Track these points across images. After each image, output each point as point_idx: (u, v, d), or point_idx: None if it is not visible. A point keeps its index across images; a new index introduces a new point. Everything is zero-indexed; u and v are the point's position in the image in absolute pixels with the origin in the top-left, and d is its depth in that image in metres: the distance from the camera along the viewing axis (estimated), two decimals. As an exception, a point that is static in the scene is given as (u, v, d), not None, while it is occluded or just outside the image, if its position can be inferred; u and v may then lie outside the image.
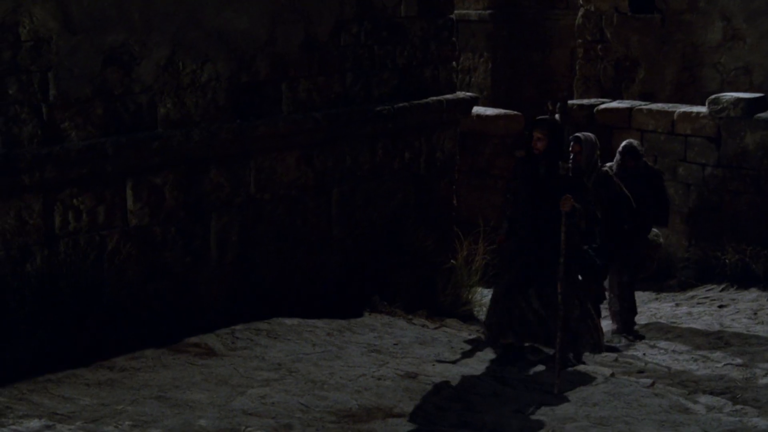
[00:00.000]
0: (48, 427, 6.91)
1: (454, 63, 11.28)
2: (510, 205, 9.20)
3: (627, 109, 13.37)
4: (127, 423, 7.03)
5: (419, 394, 7.90)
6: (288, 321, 9.29)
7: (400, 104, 10.47)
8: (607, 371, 8.86)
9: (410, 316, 10.17)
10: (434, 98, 10.79)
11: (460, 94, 11.28)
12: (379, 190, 10.47)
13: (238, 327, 9.05)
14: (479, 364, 8.83)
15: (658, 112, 13.20)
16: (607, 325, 10.86)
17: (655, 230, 11.15)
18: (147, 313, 8.88)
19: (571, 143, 9.81)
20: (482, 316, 10.45)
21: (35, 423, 6.95)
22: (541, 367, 8.86)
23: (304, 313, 9.56)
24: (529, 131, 9.18)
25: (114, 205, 8.80)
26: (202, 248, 9.32)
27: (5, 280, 8.29)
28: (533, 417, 7.63)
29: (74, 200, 8.59)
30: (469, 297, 11.01)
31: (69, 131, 8.53)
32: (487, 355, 9.09)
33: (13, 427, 6.85)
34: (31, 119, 8.36)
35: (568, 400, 8.06)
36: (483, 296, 11.00)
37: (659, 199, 11.03)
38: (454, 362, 8.77)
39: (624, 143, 11.16)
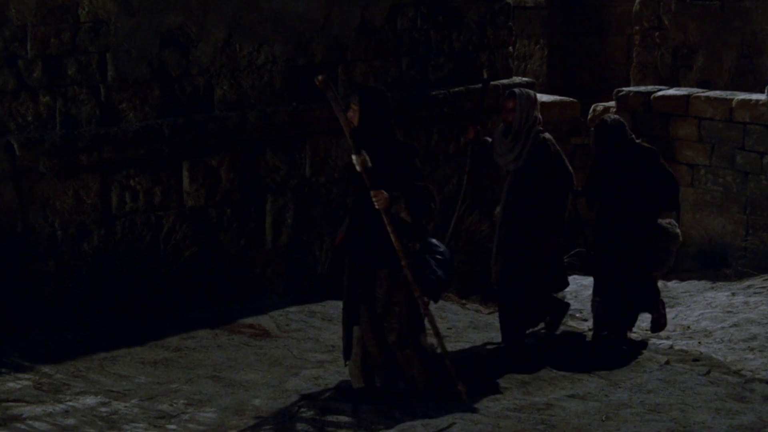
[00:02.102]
0: (104, 404, 6.98)
1: (510, 48, 11.22)
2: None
3: (684, 96, 13.22)
4: (181, 401, 7.08)
5: (473, 375, 7.90)
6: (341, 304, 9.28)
7: (456, 89, 10.44)
8: (662, 359, 8.79)
9: (464, 301, 10.15)
10: (492, 83, 10.72)
11: (516, 79, 11.23)
12: (434, 174, 10.44)
13: (292, 309, 9.07)
14: (536, 347, 8.79)
15: (716, 99, 13.03)
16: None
17: (668, 219, 9.60)
18: (202, 294, 8.93)
19: (506, 98, 8.61)
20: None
21: (91, 400, 7.02)
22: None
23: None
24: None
25: (170, 187, 8.86)
26: (257, 230, 9.35)
27: (63, 259, 8.38)
28: (589, 401, 7.60)
29: (131, 181, 8.65)
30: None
31: (126, 112, 8.59)
32: (541, 337, 9.05)
33: (70, 403, 6.92)
34: (89, 100, 8.43)
35: (622, 387, 8.01)
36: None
37: (662, 180, 9.33)
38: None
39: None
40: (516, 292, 8.53)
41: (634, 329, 9.48)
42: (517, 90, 8.65)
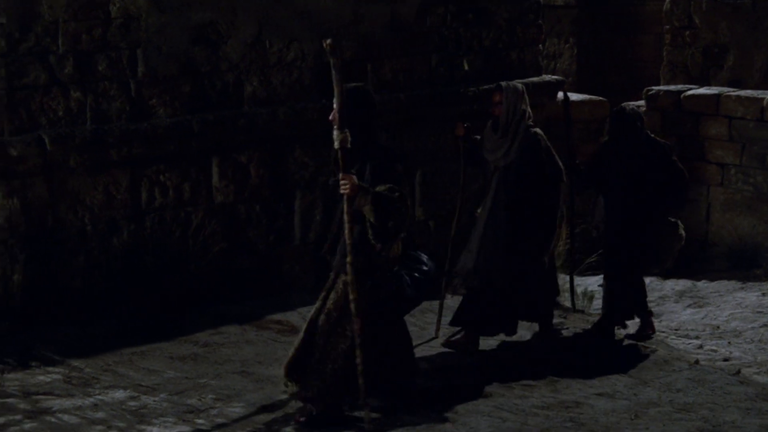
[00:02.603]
0: (133, 397, 7.01)
1: (540, 46, 11.18)
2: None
3: (715, 95, 13.13)
4: (210, 396, 7.10)
5: (500, 375, 7.90)
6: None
7: (485, 86, 10.40)
8: (692, 358, 8.75)
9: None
10: (520, 81, 10.66)
11: (546, 77, 11.21)
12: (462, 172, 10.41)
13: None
14: (565, 346, 8.77)
15: (747, 98, 12.94)
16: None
17: (673, 219, 9.30)
18: (230, 290, 8.94)
19: (492, 91, 8.48)
20: (566, 301, 10.38)
21: (120, 393, 7.06)
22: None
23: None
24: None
25: (199, 182, 8.88)
26: (286, 226, 9.36)
27: (92, 254, 8.42)
28: (617, 400, 7.57)
29: (161, 176, 8.68)
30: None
31: (156, 108, 8.62)
32: (570, 336, 9.03)
33: (99, 397, 6.96)
34: (119, 95, 8.47)
35: (651, 386, 7.98)
36: (565, 282, 10.91)
37: (670, 177, 9.08)
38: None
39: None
40: (505, 292, 8.40)
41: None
42: (503, 83, 8.48)
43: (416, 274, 6.78)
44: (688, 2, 15.93)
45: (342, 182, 6.39)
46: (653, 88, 13.61)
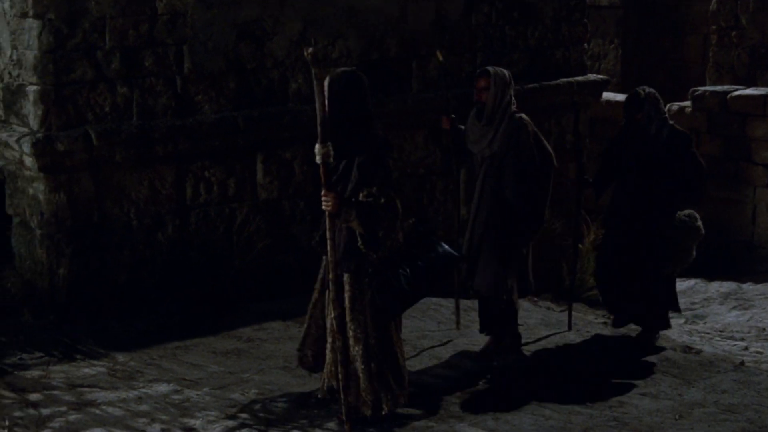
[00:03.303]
0: (176, 391, 7.04)
1: (585, 45, 11.13)
2: None
3: (762, 96, 13.04)
4: (253, 391, 7.12)
5: (542, 374, 7.88)
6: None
7: (530, 85, 10.37)
8: (737, 360, 8.68)
9: (535, 299, 10.08)
10: (565, 80, 10.67)
11: (591, 76, 11.15)
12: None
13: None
14: (607, 346, 8.73)
15: (795, 99, 12.88)
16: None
17: (688, 210, 8.72)
18: (274, 286, 8.96)
19: (477, 77, 8.01)
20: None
21: (164, 387, 7.09)
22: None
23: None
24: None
25: (244, 179, 8.91)
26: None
27: (137, 249, 8.47)
28: (661, 400, 7.53)
29: (206, 172, 8.72)
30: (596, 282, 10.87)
31: (202, 104, 8.66)
32: (614, 337, 8.98)
33: (143, 390, 7.00)
34: (165, 91, 8.51)
35: (696, 386, 7.92)
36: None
37: (687, 168, 8.54)
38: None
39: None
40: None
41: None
42: (490, 68, 7.99)
43: (420, 263, 6.45)
44: (734, 2, 15.86)
45: (324, 199, 6.12)
46: (699, 88, 13.54)
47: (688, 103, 13.34)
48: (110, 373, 7.34)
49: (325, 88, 6.24)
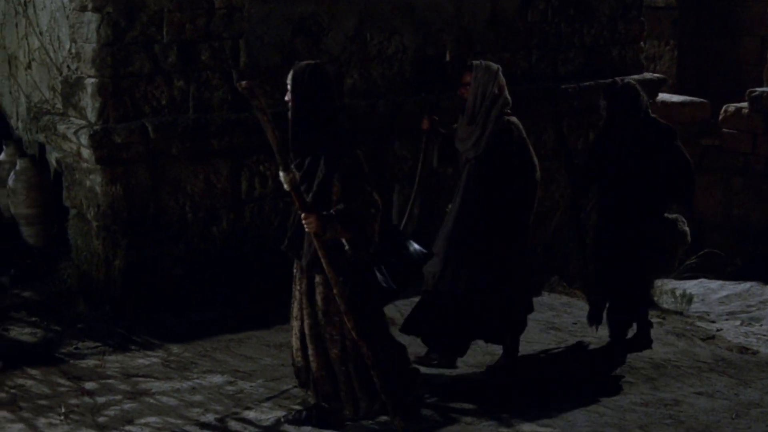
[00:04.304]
0: (230, 382, 7.07)
1: (641, 43, 11.05)
2: None
3: (820, 97, 12.91)
4: (306, 383, 7.12)
5: (597, 371, 7.83)
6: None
7: (586, 83, 10.31)
8: (796, 360, 8.60)
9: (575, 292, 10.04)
10: (620, 78, 10.56)
11: (647, 74, 11.07)
12: (562, 170, 10.32)
13: (416, 299, 9.03)
14: (663, 346, 8.65)
15: None
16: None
17: (675, 214, 8.25)
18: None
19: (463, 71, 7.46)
20: (663, 302, 10.27)
21: (218, 378, 7.12)
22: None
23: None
24: None
25: (303, 172, 8.90)
26: (384, 220, 9.32)
27: (193, 242, 8.50)
28: (717, 399, 7.45)
29: (260, 166, 8.74)
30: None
31: (258, 98, 8.64)
32: (668, 337, 8.91)
33: (197, 380, 7.03)
34: (221, 85, 8.54)
35: (752, 386, 7.84)
36: (663, 282, 10.79)
37: (674, 166, 7.90)
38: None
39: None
40: (469, 298, 7.40)
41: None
42: (476, 61, 7.43)
43: (394, 261, 6.21)
44: (792, 3, 15.69)
45: (305, 222, 5.89)
46: (756, 90, 13.41)
47: (745, 104, 13.22)
48: (164, 364, 7.38)
49: (289, 81, 6.10)
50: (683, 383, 7.79)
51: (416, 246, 6.39)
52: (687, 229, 8.14)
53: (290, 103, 6.11)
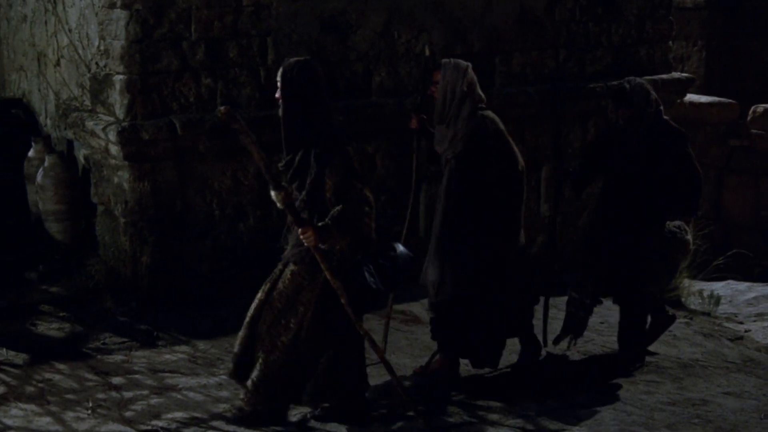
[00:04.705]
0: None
1: (670, 42, 11.01)
2: None
3: None
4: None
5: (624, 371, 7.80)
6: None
7: (614, 82, 10.24)
8: None
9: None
10: (649, 77, 10.52)
11: (676, 74, 11.02)
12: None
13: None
14: (691, 346, 8.60)
15: None
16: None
17: (678, 222, 7.75)
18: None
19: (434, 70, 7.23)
20: (691, 303, 10.20)
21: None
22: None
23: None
24: None
25: (326, 171, 8.89)
26: (412, 218, 9.33)
27: (219, 239, 8.52)
28: (746, 399, 7.42)
29: (288, 163, 8.72)
30: (677, 283, 10.73)
31: (285, 95, 8.66)
32: (696, 337, 8.86)
33: (224, 377, 7.04)
34: (249, 82, 8.55)
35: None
36: (690, 284, 10.72)
37: (682, 174, 7.47)
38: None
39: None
40: (460, 305, 7.20)
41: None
42: (445, 59, 7.23)
43: (382, 261, 6.14)
44: (823, 3, 15.60)
45: (302, 236, 5.86)
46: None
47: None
48: (191, 360, 7.39)
49: (279, 78, 6.10)
50: (711, 383, 7.75)
51: (402, 248, 6.33)
52: (689, 238, 7.80)
53: (280, 101, 6.07)
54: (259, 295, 6.29)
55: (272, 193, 5.83)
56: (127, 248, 8.26)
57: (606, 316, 9.05)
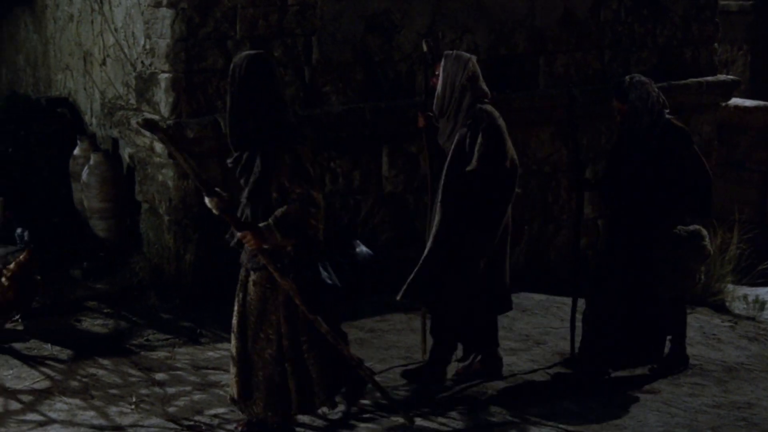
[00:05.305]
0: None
1: (715, 44, 10.93)
2: None
3: None
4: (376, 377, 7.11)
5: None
6: (536, 296, 9.23)
7: (658, 84, 10.16)
8: None
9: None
10: (694, 80, 10.47)
11: (721, 76, 10.94)
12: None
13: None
14: (736, 350, 8.53)
15: None
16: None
17: (695, 226, 7.34)
18: (397, 278, 8.92)
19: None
20: (735, 308, 10.13)
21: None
22: None
23: (551, 290, 9.43)
24: None
25: (370, 171, 8.92)
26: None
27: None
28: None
29: (331, 163, 8.76)
30: (721, 287, 10.65)
31: (329, 95, 8.71)
32: (740, 341, 8.79)
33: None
34: (294, 81, 8.58)
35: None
36: (734, 288, 10.64)
37: (687, 172, 7.19)
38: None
39: None
40: (442, 300, 7.04)
41: None
42: (447, 51, 7.09)
43: (341, 260, 6.07)
44: None
45: (243, 240, 5.76)
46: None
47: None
48: (234, 357, 7.40)
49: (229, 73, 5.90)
50: (756, 386, 7.68)
51: (363, 247, 6.27)
52: (706, 243, 7.30)
53: (227, 96, 5.90)
54: (236, 307, 6.10)
55: (206, 200, 5.70)
56: (171, 246, 8.30)
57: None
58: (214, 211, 5.72)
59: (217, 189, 5.73)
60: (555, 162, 9.79)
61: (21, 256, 7.67)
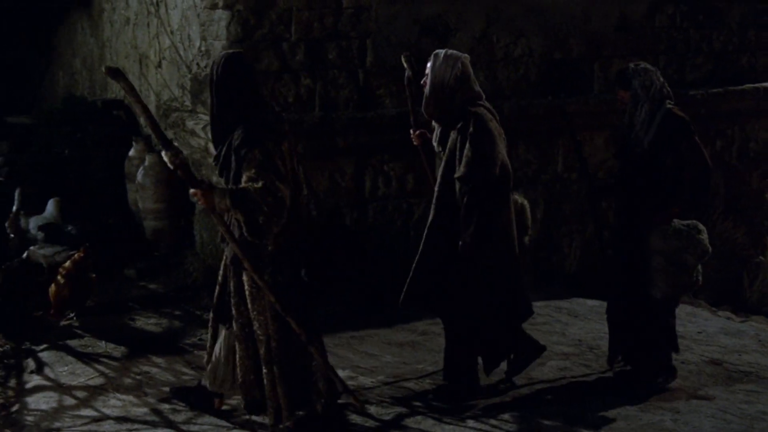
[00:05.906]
0: (351, 378, 7.09)
1: (773, 51, 10.86)
2: None
3: None
4: (427, 381, 7.11)
5: (723, 380, 7.64)
6: (589, 302, 9.17)
7: (714, 90, 10.13)
8: None
9: (714, 309, 9.83)
10: (750, 85, 10.39)
11: (778, 83, 10.84)
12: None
13: (538, 304, 8.91)
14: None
15: None
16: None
17: (691, 220, 7.01)
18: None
19: None
20: None
21: (339, 373, 7.08)
22: None
23: (604, 296, 9.36)
24: None
25: (423, 174, 8.86)
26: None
27: (316, 239, 8.50)
28: None
29: (385, 166, 8.76)
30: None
31: (383, 98, 8.72)
32: None
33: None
34: (347, 84, 8.59)
35: None
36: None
37: (685, 163, 6.86)
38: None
39: None
40: (452, 311, 6.86)
41: None
42: (437, 50, 6.68)
43: (316, 257, 6.07)
44: None
45: (194, 197, 5.81)
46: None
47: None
48: (285, 357, 7.41)
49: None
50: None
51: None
52: (703, 237, 6.97)
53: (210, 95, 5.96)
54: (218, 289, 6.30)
55: (162, 154, 5.69)
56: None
57: (704, 326, 8.93)
58: (169, 165, 5.71)
59: (175, 144, 5.77)
60: (611, 168, 9.72)
61: (76, 255, 7.74)
